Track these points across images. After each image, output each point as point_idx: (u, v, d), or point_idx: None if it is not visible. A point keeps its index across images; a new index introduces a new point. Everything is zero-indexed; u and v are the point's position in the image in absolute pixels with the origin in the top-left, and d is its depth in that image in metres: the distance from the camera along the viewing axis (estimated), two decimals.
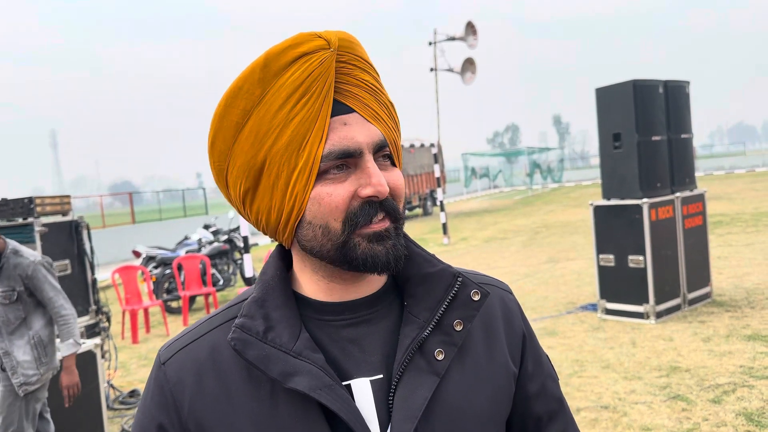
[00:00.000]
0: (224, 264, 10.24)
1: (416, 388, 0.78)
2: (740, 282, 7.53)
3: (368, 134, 0.77)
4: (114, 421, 4.95)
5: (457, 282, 0.84)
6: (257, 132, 0.76)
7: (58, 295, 3.37)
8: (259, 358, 0.76)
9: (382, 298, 0.85)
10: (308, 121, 0.74)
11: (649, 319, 6.17)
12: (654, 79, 6.43)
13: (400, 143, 0.85)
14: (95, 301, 5.44)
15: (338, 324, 0.82)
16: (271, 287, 0.83)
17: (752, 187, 21.38)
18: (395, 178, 0.80)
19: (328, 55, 0.75)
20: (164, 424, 0.80)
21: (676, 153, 6.62)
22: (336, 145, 0.75)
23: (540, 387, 0.93)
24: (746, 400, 4.13)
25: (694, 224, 6.72)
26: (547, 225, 16.59)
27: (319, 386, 0.74)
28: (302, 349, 0.77)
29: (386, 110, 0.81)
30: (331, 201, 0.76)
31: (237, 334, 0.77)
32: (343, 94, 0.77)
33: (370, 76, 0.80)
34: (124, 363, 6.75)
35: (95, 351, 4.16)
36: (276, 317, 0.79)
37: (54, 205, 5.18)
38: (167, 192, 33.32)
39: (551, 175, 41.42)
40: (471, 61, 24.43)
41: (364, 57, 0.80)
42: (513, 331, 0.92)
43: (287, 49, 0.75)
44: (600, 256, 6.56)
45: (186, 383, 0.80)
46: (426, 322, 0.81)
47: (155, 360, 0.85)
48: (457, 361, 0.83)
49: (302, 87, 0.74)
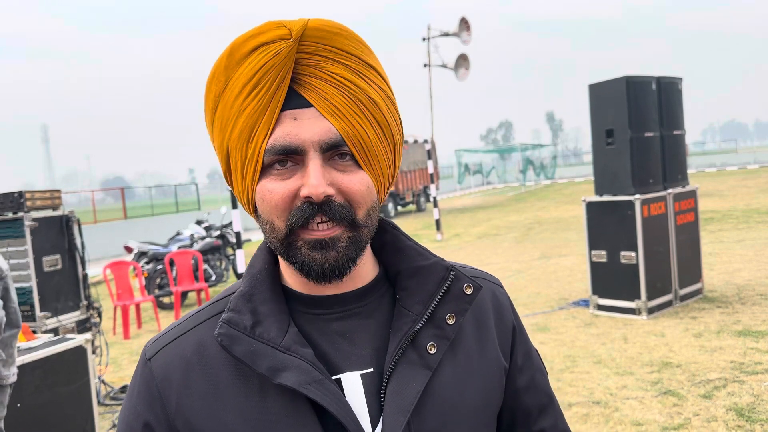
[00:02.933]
0: (216, 260, 10.21)
1: (408, 382, 0.77)
2: (731, 278, 7.57)
3: (318, 131, 0.72)
4: (105, 417, 4.93)
5: (450, 275, 0.83)
6: (221, 118, 0.76)
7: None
8: (246, 354, 0.74)
9: (372, 291, 0.84)
10: (257, 112, 0.73)
11: (641, 314, 6.19)
12: (647, 76, 6.44)
13: (383, 145, 0.78)
14: (86, 296, 5.41)
15: (327, 317, 0.81)
16: (259, 281, 0.81)
17: (744, 184, 21.49)
18: (350, 181, 0.74)
19: (286, 46, 0.71)
20: (150, 422, 0.78)
21: (668, 149, 6.63)
22: (278, 140, 0.72)
23: (529, 380, 0.92)
24: (737, 396, 4.15)
25: (685, 221, 6.74)
26: (539, 221, 16.63)
27: (308, 381, 0.73)
28: (291, 343, 0.75)
29: (360, 107, 0.74)
30: (271, 198, 0.74)
31: (224, 330, 0.76)
32: (304, 87, 0.73)
33: (343, 68, 0.74)
34: (115, 358, 6.72)
35: (86, 346, 4.13)
36: (264, 311, 0.78)
37: (44, 199, 5.14)
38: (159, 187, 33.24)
39: (544, 172, 41.50)
40: (465, 57, 24.41)
41: (342, 48, 0.74)
42: (504, 324, 0.91)
43: (249, 39, 0.73)
44: (592, 252, 6.58)
45: (173, 379, 0.79)
46: (419, 316, 0.80)
47: (141, 356, 0.83)
48: (449, 354, 0.82)
49: (255, 77, 0.72)
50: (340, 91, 0.73)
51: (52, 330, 4.96)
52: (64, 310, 5.16)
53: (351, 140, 0.74)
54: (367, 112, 0.75)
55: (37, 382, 3.65)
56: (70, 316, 5.20)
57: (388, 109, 0.78)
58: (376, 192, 0.78)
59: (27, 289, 4.86)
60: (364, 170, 0.76)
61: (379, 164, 0.78)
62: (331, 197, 0.73)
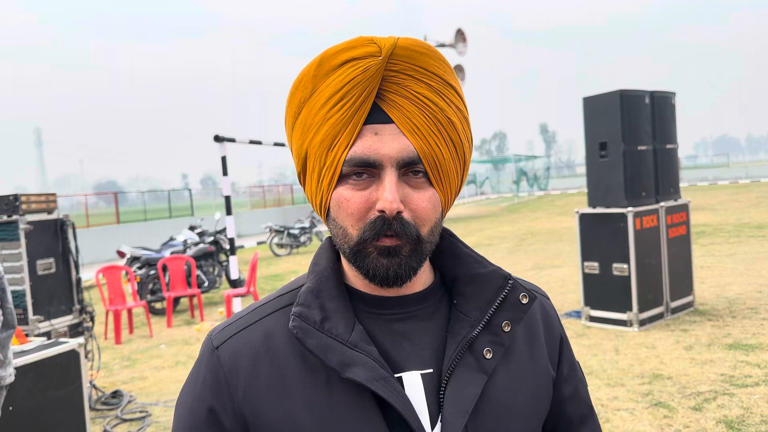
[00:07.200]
0: (209, 265, 10.19)
1: (467, 384, 0.80)
2: (722, 292, 7.62)
3: (397, 148, 0.75)
4: (96, 422, 4.91)
5: (508, 284, 0.86)
6: (304, 124, 0.80)
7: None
8: (318, 347, 0.77)
9: (430, 295, 0.87)
10: (340, 124, 0.76)
11: (633, 326, 6.22)
12: (641, 90, 6.51)
13: (454, 164, 0.81)
14: (79, 300, 5.40)
15: (389, 317, 0.84)
16: (325, 278, 0.84)
17: (735, 199, 21.65)
18: (420, 198, 0.78)
19: (375, 63, 0.75)
20: (215, 408, 0.80)
21: (661, 163, 6.70)
22: (358, 152, 0.76)
23: (573, 390, 0.95)
24: (726, 408, 4.18)
25: (677, 234, 6.79)
26: (532, 232, 16.69)
27: (375, 378, 0.76)
28: (357, 340, 0.78)
29: (438, 127, 0.77)
30: (348, 206, 0.78)
31: (297, 323, 0.78)
32: (387, 103, 0.77)
33: (426, 88, 0.77)
34: (106, 363, 6.69)
35: (79, 350, 4.12)
36: (331, 308, 0.81)
37: (39, 202, 5.14)
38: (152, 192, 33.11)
39: (537, 183, 41.67)
40: (460, 68, 24.52)
41: (426, 67, 0.77)
42: (552, 335, 0.95)
43: (340, 52, 0.77)
44: (585, 263, 6.61)
45: (240, 368, 0.81)
46: (476, 321, 0.84)
47: (205, 344, 0.86)
48: (503, 361, 0.85)
49: (342, 90, 0.75)
50: (420, 110, 0.77)
51: (45, 334, 4.95)
52: (57, 313, 5.15)
53: (426, 158, 0.77)
54: (444, 132, 0.78)
55: (29, 385, 3.64)
56: (63, 320, 5.19)
57: (462, 129, 0.81)
58: (441, 209, 0.82)
59: (20, 292, 4.84)
60: (435, 187, 0.80)
61: (449, 182, 0.82)
62: (401, 213, 0.76)
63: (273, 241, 16.91)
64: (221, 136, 9.57)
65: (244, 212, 27.71)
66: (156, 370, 6.41)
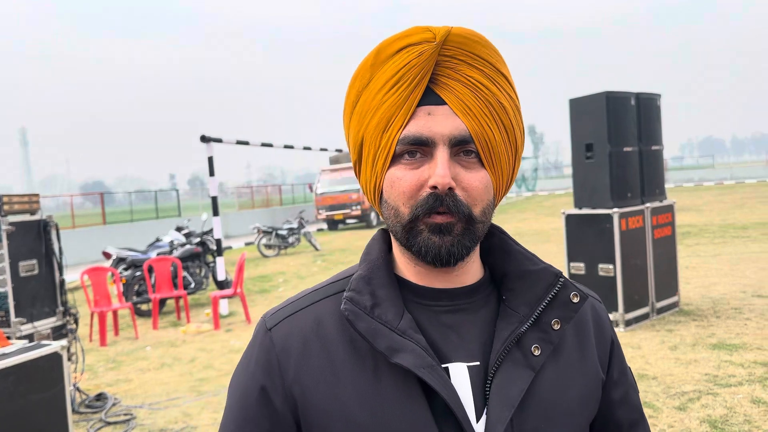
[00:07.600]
0: (196, 267, 10.13)
1: (513, 379, 0.80)
2: (707, 292, 7.68)
3: (450, 127, 0.77)
4: (79, 425, 4.86)
5: (559, 282, 0.86)
6: (361, 111, 0.82)
7: None
8: (368, 331, 0.78)
9: (479, 290, 0.87)
10: (395, 106, 0.78)
11: (618, 327, 6.25)
12: (626, 92, 6.55)
13: (506, 147, 0.82)
14: (63, 302, 5.34)
15: (437, 309, 0.84)
16: (377, 266, 0.86)
17: (720, 200, 21.85)
18: (472, 178, 0.79)
19: (429, 48, 0.77)
20: (267, 387, 0.82)
21: (646, 164, 6.74)
22: (412, 131, 0.78)
23: (623, 395, 0.95)
24: (710, 408, 4.21)
25: (663, 234, 6.84)
26: (520, 233, 16.75)
27: (423, 365, 0.76)
28: (406, 328, 0.79)
29: (489, 109, 0.79)
30: (400, 185, 0.79)
31: (348, 306, 0.80)
32: (440, 86, 0.79)
33: (479, 73, 0.79)
34: (91, 366, 6.63)
35: (62, 353, 4.08)
36: (381, 295, 0.82)
37: (22, 203, 5.08)
38: (139, 193, 32.89)
39: (525, 184, 41.85)
40: None
41: (479, 54, 0.80)
42: (603, 337, 0.94)
43: (397, 40, 0.80)
44: (571, 264, 6.64)
45: (292, 350, 0.83)
46: (525, 318, 0.83)
47: (258, 326, 0.88)
48: (551, 358, 0.85)
49: (398, 74, 0.78)
50: (472, 92, 0.79)
51: (27, 336, 4.89)
52: (39, 316, 5.09)
53: (478, 138, 0.78)
54: (496, 115, 0.80)
55: (10, 389, 3.59)
56: (45, 322, 5.13)
57: (514, 115, 0.83)
58: (493, 192, 0.83)
59: (2, 294, 4.78)
60: (486, 169, 0.80)
61: (501, 165, 0.82)
62: (453, 190, 0.77)
63: (261, 242, 16.84)
64: (208, 136, 9.54)
65: (232, 213, 27.60)
66: (141, 372, 6.36)
